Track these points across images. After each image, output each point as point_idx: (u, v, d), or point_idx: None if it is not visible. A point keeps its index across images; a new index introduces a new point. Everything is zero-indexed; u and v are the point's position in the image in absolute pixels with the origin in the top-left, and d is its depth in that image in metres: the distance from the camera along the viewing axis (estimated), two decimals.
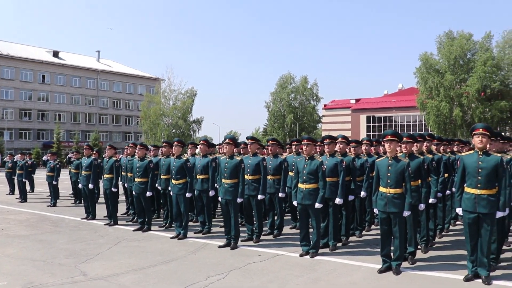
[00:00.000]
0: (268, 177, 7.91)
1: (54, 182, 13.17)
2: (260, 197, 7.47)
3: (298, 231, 6.85)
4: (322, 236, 6.87)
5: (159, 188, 9.12)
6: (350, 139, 8.00)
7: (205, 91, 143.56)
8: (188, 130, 51.37)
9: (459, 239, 7.44)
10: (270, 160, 8.19)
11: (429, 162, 6.72)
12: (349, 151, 7.86)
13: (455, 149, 8.63)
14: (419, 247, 6.61)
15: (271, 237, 8.00)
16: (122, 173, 10.30)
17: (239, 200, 7.14)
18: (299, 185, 6.56)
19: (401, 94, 65.78)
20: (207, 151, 8.55)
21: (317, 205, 6.39)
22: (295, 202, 6.72)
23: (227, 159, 7.25)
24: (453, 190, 6.80)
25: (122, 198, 10.84)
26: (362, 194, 7.53)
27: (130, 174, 9.64)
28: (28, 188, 15.75)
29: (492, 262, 5.58)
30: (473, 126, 5.48)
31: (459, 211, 5.43)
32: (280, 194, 8.04)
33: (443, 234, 8.00)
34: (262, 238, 7.74)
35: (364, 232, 8.18)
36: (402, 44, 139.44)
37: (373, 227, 8.59)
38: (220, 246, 7.17)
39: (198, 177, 8.31)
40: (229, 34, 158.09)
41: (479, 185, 5.20)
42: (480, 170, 5.22)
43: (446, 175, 7.55)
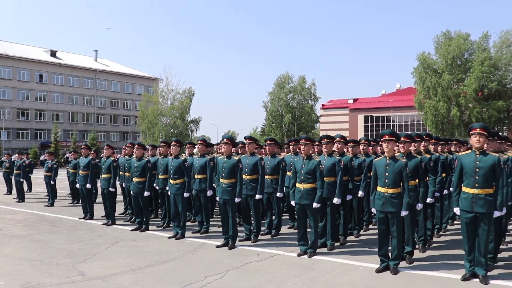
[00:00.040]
0: (266, 176, 7.92)
1: (52, 182, 13.17)
2: (258, 196, 7.48)
3: (296, 231, 6.85)
4: (320, 235, 6.88)
5: (157, 188, 9.11)
6: (348, 138, 8.00)
7: (203, 90, 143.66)
8: (186, 130, 51.43)
9: (457, 239, 7.46)
10: (268, 160, 8.20)
11: (426, 162, 6.74)
12: (347, 150, 7.87)
13: (453, 148, 8.64)
14: (417, 246, 6.63)
15: (269, 236, 8.01)
16: (120, 173, 10.30)
17: (237, 200, 7.14)
18: (297, 184, 6.57)
19: (399, 94, 65.88)
20: (205, 151, 8.57)
21: (315, 204, 6.39)
22: (293, 202, 6.72)
23: (225, 159, 7.25)
24: (450, 189, 6.80)
25: (120, 198, 10.83)
26: (360, 193, 7.54)
27: (128, 174, 9.63)
28: (26, 188, 15.74)
29: (489, 261, 5.60)
30: (470, 126, 5.49)
31: (456, 210, 5.44)
32: (278, 194, 8.04)
33: (441, 233, 8.03)
34: (260, 237, 7.75)
35: (362, 232, 8.20)
36: (400, 44, 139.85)
37: (371, 226, 8.61)
38: (218, 246, 7.18)
39: (196, 177, 8.33)
40: (227, 34, 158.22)
41: (477, 184, 5.21)
42: (477, 169, 5.23)
43: (444, 175, 7.57)
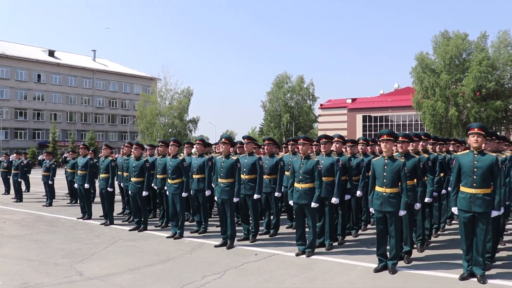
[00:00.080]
0: (264, 176, 7.91)
1: (50, 182, 13.15)
2: (256, 196, 7.48)
3: (294, 231, 6.86)
4: (318, 235, 6.87)
5: (155, 187, 9.10)
6: (346, 138, 8.00)
7: (201, 90, 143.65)
8: (184, 130, 51.41)
9: (455, 238, 7.47)
10: (266, 160, 8.19)
11: (424, 162, 6.74)
12: (345, 150, 7.87)
13: (451, 148, 8.66)
14: (415, 246, 6.63)
15: (267, 236, 8.01)
16: (118, 172, 10.29)
17: (235, 199, 7.14)
18: (295, 184, 6.57)
19: (397, 93, 65.99)
20: (203, 150, 8.57)
21: (313, 204, 6.39)
22: (291, 202, 6.72)
23: (223, 159, 7.25)
24: (448, 189, 6.82)
25: (118, 197, 10.82)
26: (358, 193, 7.55)
27: (126, 174, 9.62)
28: (24, 188, 15.71)
29: (487, 261, 5.61)
30: (468, 125, 5.50)
31: (454, 210, 5.45)
32: (276, 194, 8.04)
33: (439, 233, 8.04)
34: (258, 237, 7.75)
35: (360, 232, 8.20)
36: (398, 44, 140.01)
37: (369, 226, 8.61)
38: (216, 246, 7.17)
39: (194, 176, 8.33)
40: (225, 33, 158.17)
41: (475, 184, 5.22)
42: (475, 169, 5.24)
43: (442, 175, 7.57)
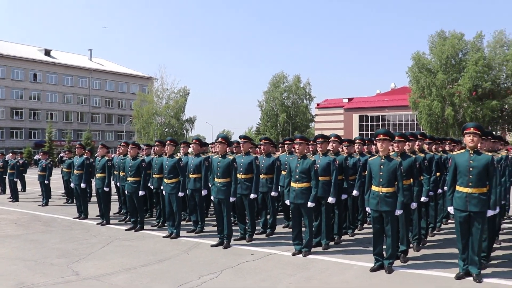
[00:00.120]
0: (260, 176, 7.92)
1: (46, 182, 13.11)
2: (252, 196, 7.48)
3: (291, 230, 6.86)
4: (314, 235, 6.88)
5: (151, 187, 9.09)
6: (342, 138, 8.01)
7: (197, 90, 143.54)
8: (180, 129, 51.34)
9: (451, 238, 7.50)
10: (263, 159, 8.20)
11: (421, 161, 6.76)
12: (341, 150, 7.88)
13: (447, 148, 8.68)
14: (411, 245, 6.65)
15: (263, 236, 8.01)
16: (115, 172, 10.26)
17: (232, 199, 7.14)
18: (292, 184, 6.57)
19: (393, 93, 66.15)
20: (199, 150, 8.55)
21: (309, 204, 6.40)
22: (287, 201, 6.72)
23: (220, 158, 7.24)
24: (444, 188, 6.84)
25: (114, 197, 10.79)
26: (355, 193, 7.55)
27: (122, 173, 9.60)
28: (20, 187, 15.66)
29: (483, 260, 5.64)
30: (464, 125, 5.51)
31: (450, 209, 5.47)
32: (273, 193, 8.04)
33: (435, 232, 8.06)
34: (255, 237, 7.75)
35: (356, 231, 8.22)
36: (394, 43, 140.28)
37: (365, 226, 8.63)
38: (212, 245, 7.17)
39: (190, 176, 8.32)
40: (221, 33, 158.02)
41: (470, 183, 5.24)
42: (471, 169, 5.26)
43: (438, 174, 7.59)
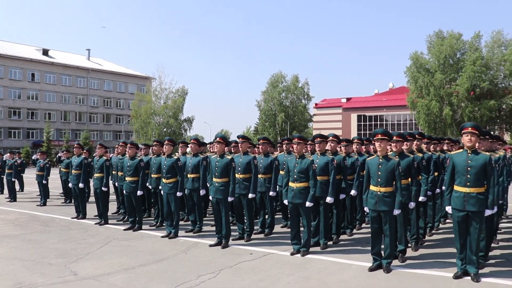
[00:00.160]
0: (259, 176, 7.92)
1: (44, 182, 13.08)
2: (251, 195, 7.48)
3: (289, 230, 6.86)
4: (313, 234, 6.89)
5: (149, 187, 9.08)
6: (341, 138, 8.02)
7: (196, 90, 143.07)
8: (179, 129, 51.37)
9: (449, 237, 7.51)
10: (261, 159, 8.20)
11: (419, 161, 6.77)
12: (340, 150, 7.89)
13: (445, 147, 8.69)
14: (410, 245, 6.66)
15: (262, 235, 8.01)
16: (113, 172, 10.26)
17: (230, 199, 7.13)
18: (290, 183, 6.57)
19: (391, 93, 66.19)
20: (198, 150, 8.55)
21: (307, 203, 6.40)
22: (286, 201, 6.73)
23: (218, 158, 7.24)
24: (442, 188, 6.85)
25: (112, 197, 10.78)
26: (353, 192, 7.56)
27: (120, 173, 9.59)
28: (18, 187, 15.62)
29: (481, 259, 5.64)
30: (462, 125, 5.52)
31: (448, 209, 5.47)
32: (271, 193, 8.04)
33: (433, 232, 8.07)
34: (253, 237, 7.75)
35: (354, 231, 8.22)
36: (393, 43, 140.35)
37: (363, 225, 8.63)
38: (211, 245, 7.17)
39: (189, 176, 8.32)
40: (220, 33, 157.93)
41: (468, 183, 5.25)
42: (469, 168, 5.27)
43: (436, 174, 7.61)
